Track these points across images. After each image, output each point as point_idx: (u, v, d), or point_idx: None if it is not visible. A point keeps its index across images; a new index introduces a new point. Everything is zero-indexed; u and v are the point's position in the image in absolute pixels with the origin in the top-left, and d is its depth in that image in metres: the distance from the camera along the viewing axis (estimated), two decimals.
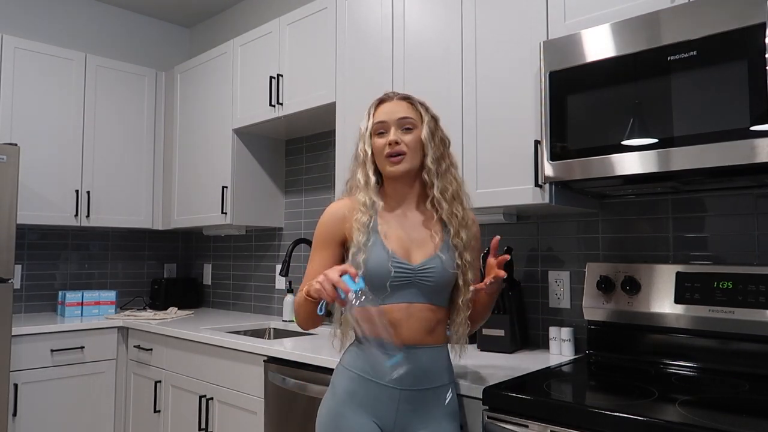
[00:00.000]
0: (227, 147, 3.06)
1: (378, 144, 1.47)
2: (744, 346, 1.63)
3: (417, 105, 1.50)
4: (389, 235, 1.45)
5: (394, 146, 1.44)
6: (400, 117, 1.46)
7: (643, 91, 1.51)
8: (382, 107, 1.50)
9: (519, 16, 1.88)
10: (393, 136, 1.44)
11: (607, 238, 2.01)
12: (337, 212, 1.50)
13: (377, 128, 1.48)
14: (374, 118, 1.49)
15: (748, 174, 1.50)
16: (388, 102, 1.50)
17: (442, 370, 1.46)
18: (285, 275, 2.79)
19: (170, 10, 3.89)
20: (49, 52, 3.14)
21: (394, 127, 1.46)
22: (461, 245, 1.46)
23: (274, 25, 2.83)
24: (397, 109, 1.47)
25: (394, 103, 1.49)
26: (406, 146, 1.44)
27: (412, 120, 1.47)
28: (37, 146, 3.06)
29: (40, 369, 2.77)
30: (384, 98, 1.52)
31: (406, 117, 1.46)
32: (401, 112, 1.47)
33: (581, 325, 2.01)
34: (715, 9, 1.41)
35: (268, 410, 2.15)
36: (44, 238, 3.40)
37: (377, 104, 1.51)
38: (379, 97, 1.53)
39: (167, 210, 3.50)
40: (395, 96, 1.52)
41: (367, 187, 1.46)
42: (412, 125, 1.47)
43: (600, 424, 1.26)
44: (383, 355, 1.28)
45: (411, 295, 1.42)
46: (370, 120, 1.49)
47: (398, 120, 1.46)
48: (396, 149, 1.44)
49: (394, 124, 1.46)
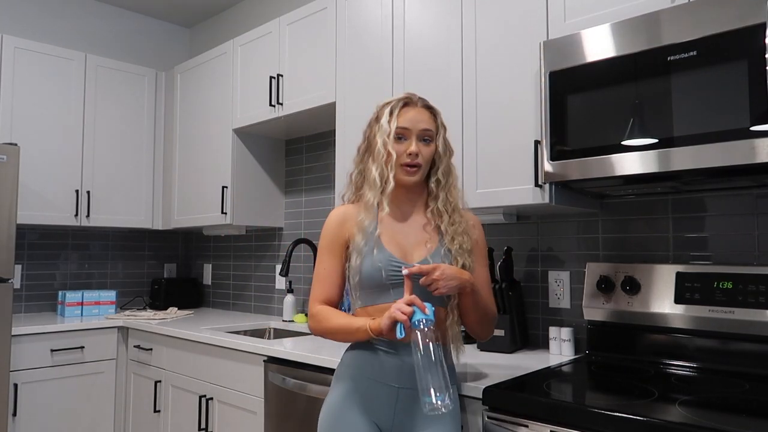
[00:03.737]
0: (227, 147, 3.06)
1: (397, 150, 1.46)
2: (744, 346, 1.63)
3: (437, 116, 1.51)
4: (388, 236, 1.47)
5: (414, 158, 1.45)
6: (423, 128, 1.46)
7: (643, 91, 1.51)
8: (406, 112, 1.47)
9: (519, 16, 1.88)
10: (414, 147, 1.45)
11: (607, 238, 2.01)
12: (340, 217, 1.53)
13: (398, 132, 1.46)
14: (398, 122, 1.46)
15: (748, 174, 1.50)
16: (412, 107, 1.49)
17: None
18: (285, 275, 2.79)
19: (170, 10, 3.89)
20: (49, 52, 3.14)
21: (415, 137, 1.46)
22: (454, 250, 1.46)
23: (274, 25, 2.83)
24: (421, 119, 1.47)
25: (418, 111, 1.48)
26: (422, 159, 1.46)
27: (432, 133, 1.48)
28: (37, 146, 3.06)
29: (40, 369, 2.77)
30: (408, 101, 1.50)
31: (428, 129, 1.47)
32: (424, 123, 1.47)
33: (581, 325, 2.01)
34: (715, 9, 1.41)
35: (268, 410, 2.15)
36: (44, 238, 3.40)
37: (401, 106, 1.48)
38: (404, 99, 1.50)
39: (167, 210, 3.50)
40: (419, 102, 1.50)
41: (385, 188, 1.45)
42: (431, 138, 1.48)
43: (600, 424, 1.26)
44: (428, 389, 1.22)
45: None
46: (393, 122, 1.46)
47: (421, 131, 1.46)
48: (415, 161, 1.45)
49: (416, 133, 1.46)
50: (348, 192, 1.59)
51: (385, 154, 1.45)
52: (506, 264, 2.08)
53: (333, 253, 1.52)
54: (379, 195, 1.45)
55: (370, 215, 1.46)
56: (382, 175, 1.45)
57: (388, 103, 1.50)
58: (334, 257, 1.51)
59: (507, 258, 2.09)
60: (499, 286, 2.03)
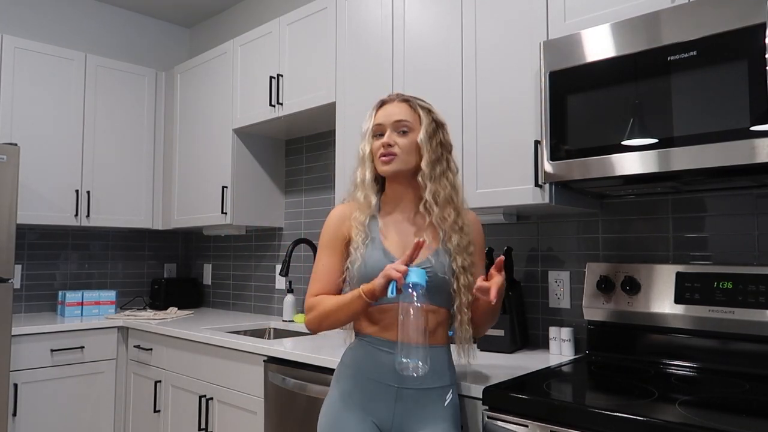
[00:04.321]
0: (227, 147, 3.06)
1: (375, 145, 1.51)
2: (744, 346, 1.63)
3: (417, 108, 1.51)
4: (387, 235, 1.48)
5: (387, 148, 1.48)
6: (396, 120, 1.49)
7: (643, 91, 1.51)
8: (382, 109, 1.53)
9: (519, 16, 1.88)
10: (387, 138, 1.48)
11: (607, 238, 2.01)
12: (339, 215, 1.55)
13: (376, 130, 1.52)
14: (374, 120, 1.52)
15: (748, 174, 1.50)
16: (388, 104, 1.53)
17: (443, 371, 1.46)
18: (285, 275, 2.79)
19: (170, 10, 3.89)
20: (49, 52, 3.14)
21: (389, 129, 1.49)
22: (453, 249, 1.46)
23: (274, 25, 2.83)
24: (394, 112, 1.50)
25: (393, 105, 1.52)
26: (399, 148, 1.47)
27: (408, 123, 1.49)
28: (37, 146, 3.06)
29: (40, 369, 2.77)
30: (386, 100, 1.54)
31: (402, 120, 1.49)
32: (398, 114, 1.49)
33: (581, 325, 2.01)
34: (715, 9, 1.41)
35: (268, 410, 2.15)
36: (44, 238, 3.40)
37: (378, 106, 1.54)
38: (382, 99, 1.55)
39: (167, 210, 3.50)
40: (396, 98, 1.53)
41: (364, 184, 1.51)
42: (408, 128, 1.49)
43: (600, 424, 1.26)
44: (399, 351, 1.26)
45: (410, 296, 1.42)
46: (370, 121, 1.53)
47: (394, 122, 1.49)
48: (388, 150, 1.47)
49: (390, 126, 1.49)
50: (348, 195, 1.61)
51: (362, 153, 1.53)
52: (506, 264, 2.08)
53: (332, 250, 1.52)
54: (363, 190, 1.50)
55: (364, 212, 1.49)
56: (363, 171, 1.52)
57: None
58: (332, 255, 1.52)
59: (507, 258, 2.08)
60: None
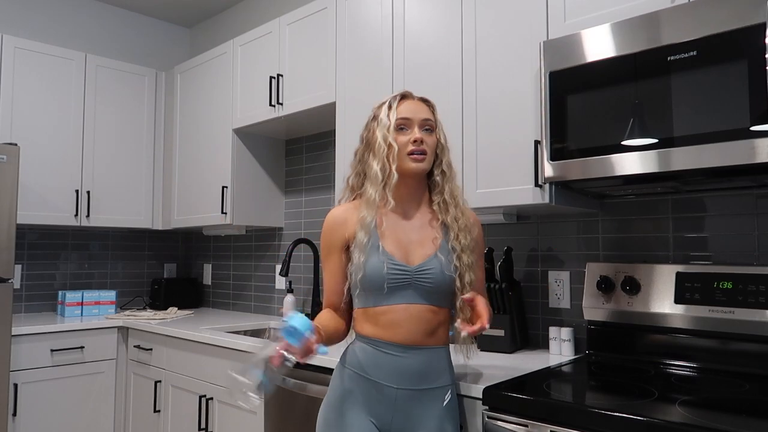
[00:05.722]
0: (227, 147, 3.06)
1: (400, 140, 1.45)
2: (744, 346, 1.63)
3: (434, 109, 1.52)
4: (388, 235, 1.46)
5: (419, 145, 1.44)
6: (424, 118, 1.47)
7: (643, 91, 1.51)
8: (405, 104, 1.48)
9: (519, 16, 1.88)
10: (419, 134, 1.45)
11: (607, 238, 2.01)
12: (338, 218, 1.51)
13: (399, 123, 1.46)
14: (398, 112, 1.46)
15: (748, 174, 1.50)
16: (410, 99, 1.50)
17: (442, 371, 1.46)
18: (285, 275, 2.79)
19: (170, 10, 3.89)
20: (49, 52, 3.14)
21: (417, 125, 1.46)
22: (459, 247, 1.46)
23: (274, 25, 2.83)
24: (421, 109, 1.48)
25: (416, 103, 1.50)
26: (428, 146, 1.46)
27: (432, 123, 1.49)
28: (37, 146, 3.06)
29: (40, 369, 2.77)
30: (405, 94, 1.52)
31: (429, 119, 1.48)
32: (424, 113, 1.48)
33: (581, 325, 2.01)
34: (715, 9, 1.41)
35: (268, 410, 2.15)
36: (44, 238, 3.40)
37: (399, 99, 1.49)
38: (401, 93, 1.52)
39: (167, 210, 3.50)
40: (415, 96, 1.52)
41: (388, 181, 1.43)
42: (432, 128, 1.49)
43: (600, 424, 1.26)
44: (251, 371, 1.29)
45: (410, 297, 1.42)
46: (393, 114, 1.46)
47: (422, 120, 1.47)
48: (421, 147, 1.44)
49: (418, 123, 1.46)
50: (344, 197, 1.57)
51: (386, 147, 1.44)
52: (506, 264, 2.08)
53: (331, 256, 1.52)
54: (381, 189, 1.43)
55: (372, 211, 1.43)
56: (384, 168, 1.44)
57: (384, 101, 1.51)
58: (332, 261, 1.51)
59: (507, 258, 2.09)
60: (499, 286, 2.03)
